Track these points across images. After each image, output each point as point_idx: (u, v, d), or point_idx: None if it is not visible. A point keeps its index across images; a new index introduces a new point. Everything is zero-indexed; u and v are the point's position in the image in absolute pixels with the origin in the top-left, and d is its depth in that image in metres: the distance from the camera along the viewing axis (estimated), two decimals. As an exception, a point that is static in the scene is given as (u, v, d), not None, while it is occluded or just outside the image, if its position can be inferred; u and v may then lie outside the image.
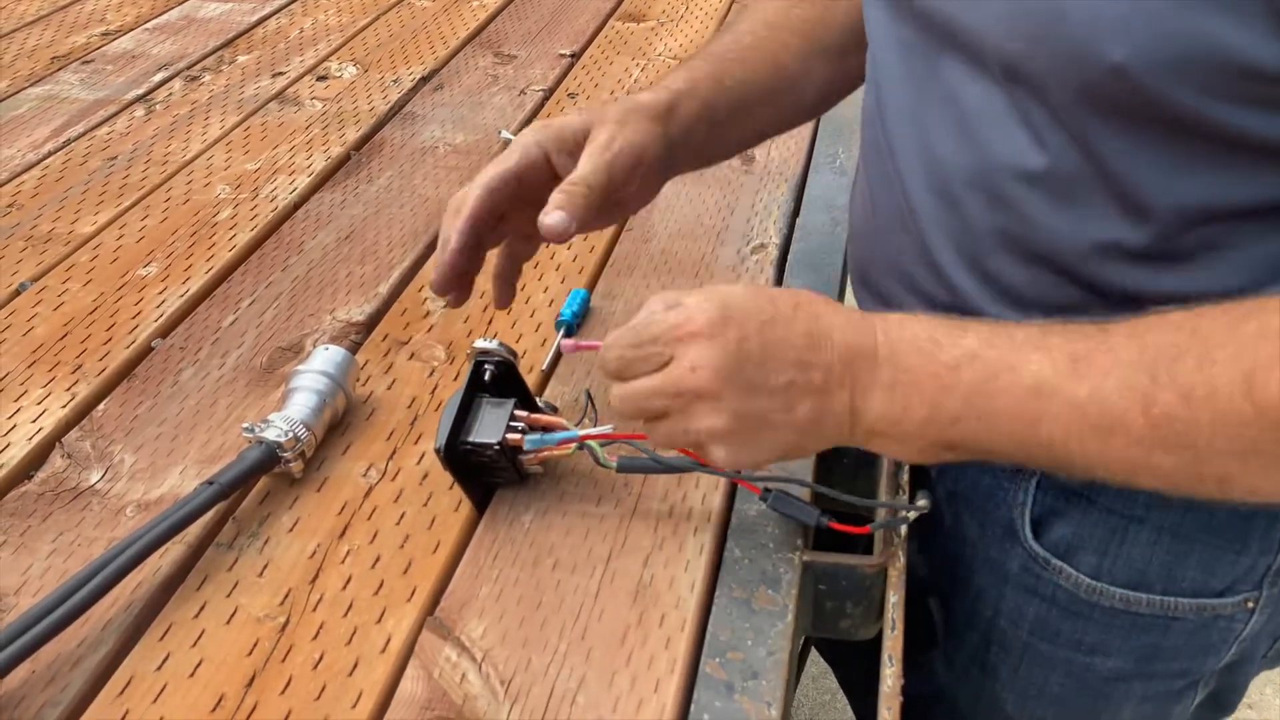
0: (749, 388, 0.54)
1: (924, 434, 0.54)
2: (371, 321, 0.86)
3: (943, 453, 0.55)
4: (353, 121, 1.16)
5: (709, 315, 0.54)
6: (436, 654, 0.58)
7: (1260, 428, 0.46)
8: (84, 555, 0.64)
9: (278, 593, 0.62)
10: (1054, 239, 0.59)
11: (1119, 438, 0.49)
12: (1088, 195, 0.56)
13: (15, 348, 0.82)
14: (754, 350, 0.54)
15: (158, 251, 0.94)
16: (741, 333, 0.54)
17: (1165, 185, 0.54)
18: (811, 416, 0.55)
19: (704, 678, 0.56)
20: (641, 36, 1.37)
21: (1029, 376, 0.51)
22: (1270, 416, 0.46)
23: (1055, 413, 0.50)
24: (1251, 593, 0.66)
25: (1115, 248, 0.57)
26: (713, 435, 0.55)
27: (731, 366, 0.53)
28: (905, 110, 0.65)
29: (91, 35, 1.40)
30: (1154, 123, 0.52)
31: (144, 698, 0.56)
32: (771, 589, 0.61)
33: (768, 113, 0.76)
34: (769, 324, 0.54)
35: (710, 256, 0.92)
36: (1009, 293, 0.62)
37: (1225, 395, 0.47)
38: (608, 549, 0.64)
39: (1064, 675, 0.73)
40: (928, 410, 0.53)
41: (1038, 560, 0.69)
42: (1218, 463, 0.48)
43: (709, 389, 0.54)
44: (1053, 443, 0.51)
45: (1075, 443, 0.51)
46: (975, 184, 0.60)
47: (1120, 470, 0.51)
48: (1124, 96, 0.51)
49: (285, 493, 0.69)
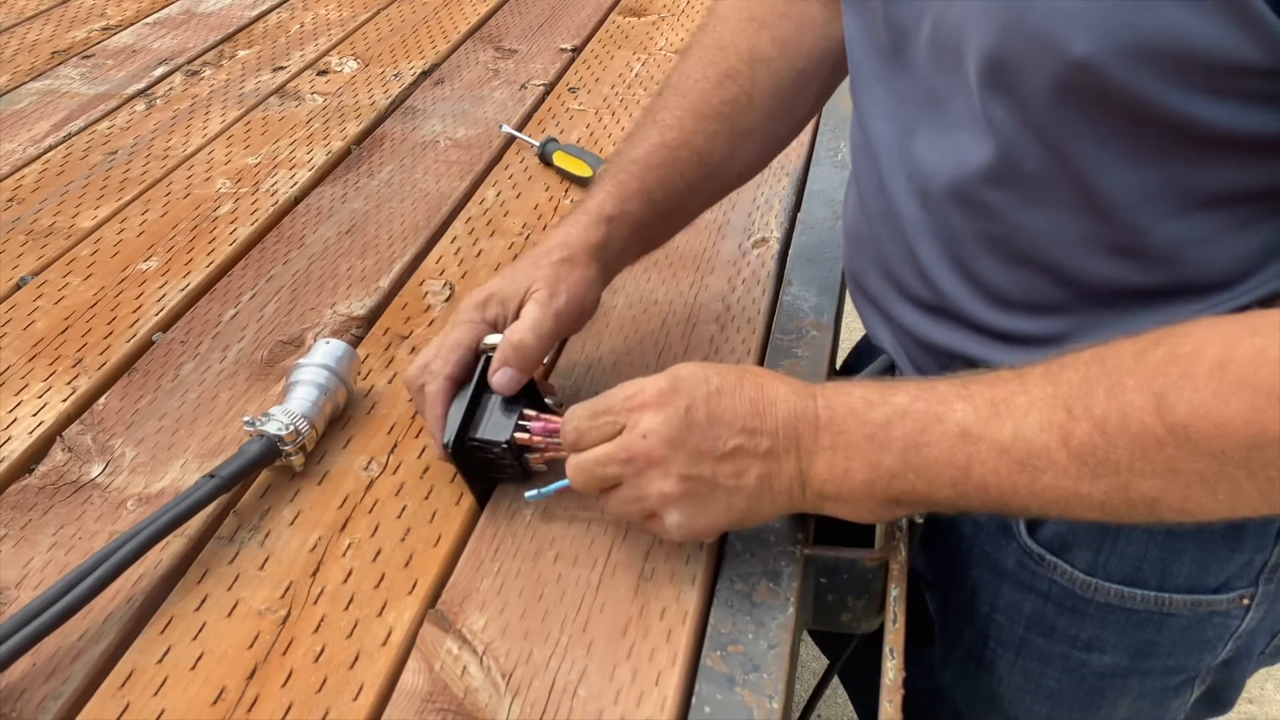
0: (697, 453, 0.56)
1: (870, 493, 0.56)
2: (372, 315, 0.86)
3: (894, 509, 0.57)
4: (353, 116, 1.16)
5: (659, 387, 0.57)
6: (438, 647, 0.58)
7: (1175, 447, 0.48)
8: (85, 549, 0.64)
9: (279, 586, 0.62)
10: (1031, 239, 0.60)
11: (1046, 473, 0.51)
12: (1060, 194, 0.57)
13: (16, 342, 0.82)
14: (701, 418, 0.56)
15: (158, 246, 0.94)
16: (690, 401, 0.56)
17: (1133, 180, 0.55)
18: (760, 481, 0.57)
19: (705, 670, 0.56)
20: (642, 31, 1.37)
21: (954, 425, 0.53)
22: (1180, 435, 0.47)
23: (984, 455, 0.52)
24: (1247, 589, 0.67)
25: (1091, 244, 0.58)
26: (664, 500, 0.57)
27: (680, 432, 0.56)
28: (885, 117, 0.66)
29: (92, 30, 1.40)
30: (1120, 117, 0.52)
31: (145, 690, 0.56)
32: (772, 582, 0.61)
33: (697, 204, 0.78)
34: (715, 394, 0.57)
35: (711, 250, 0.92)
36: (994, 294, 0.63)
37: (1137, 420, 0.48)
38: (609, 542, 0.64)
39: (1060, 670, 0.73)
40: (868, 471, 0.55)
41: (1033, 556, 0.69)
42: (1143, 486, 0.49)
43: (658, 454, 0.56)
44: (986, 485, 0.53)
45: (1007, 483, 0.52)
46: (953, 189, 0.61)
47: (1056, 505, 0.52)
48: (1091, 90, 0.51)
49: (286, 486, 0.69)
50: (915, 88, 0.62)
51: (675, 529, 0.58)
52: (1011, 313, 0.63)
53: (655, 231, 0.76)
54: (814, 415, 0.56)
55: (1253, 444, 0.46)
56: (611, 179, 0.74)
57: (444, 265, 0.91)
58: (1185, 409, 0.47)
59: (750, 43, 0.77)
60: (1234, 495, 0.48)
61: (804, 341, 0.81)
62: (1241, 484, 0.48)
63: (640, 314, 0.84)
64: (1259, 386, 0.46)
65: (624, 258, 0.75)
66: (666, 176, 0.74)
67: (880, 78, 0.66)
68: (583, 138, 1.11)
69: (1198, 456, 0.48)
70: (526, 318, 0.67)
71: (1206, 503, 0.49)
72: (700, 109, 0.75)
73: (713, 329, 0.83)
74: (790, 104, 0.78)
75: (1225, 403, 0.46)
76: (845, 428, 0.56)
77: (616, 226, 0.72)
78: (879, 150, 0.67)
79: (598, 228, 0.71)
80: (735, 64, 0.76)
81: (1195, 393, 0.47)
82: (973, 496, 0.54)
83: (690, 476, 0.56)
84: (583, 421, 0.59)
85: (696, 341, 0.81)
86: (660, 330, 0.83)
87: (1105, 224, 0.57)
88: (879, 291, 0.72)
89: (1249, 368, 0.46)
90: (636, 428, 0.57)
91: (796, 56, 0.77)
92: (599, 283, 0.72)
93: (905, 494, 0.55)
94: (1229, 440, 0.47)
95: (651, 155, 0.74)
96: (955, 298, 0.65)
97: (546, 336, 0.67)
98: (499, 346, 0.66)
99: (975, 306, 0.64)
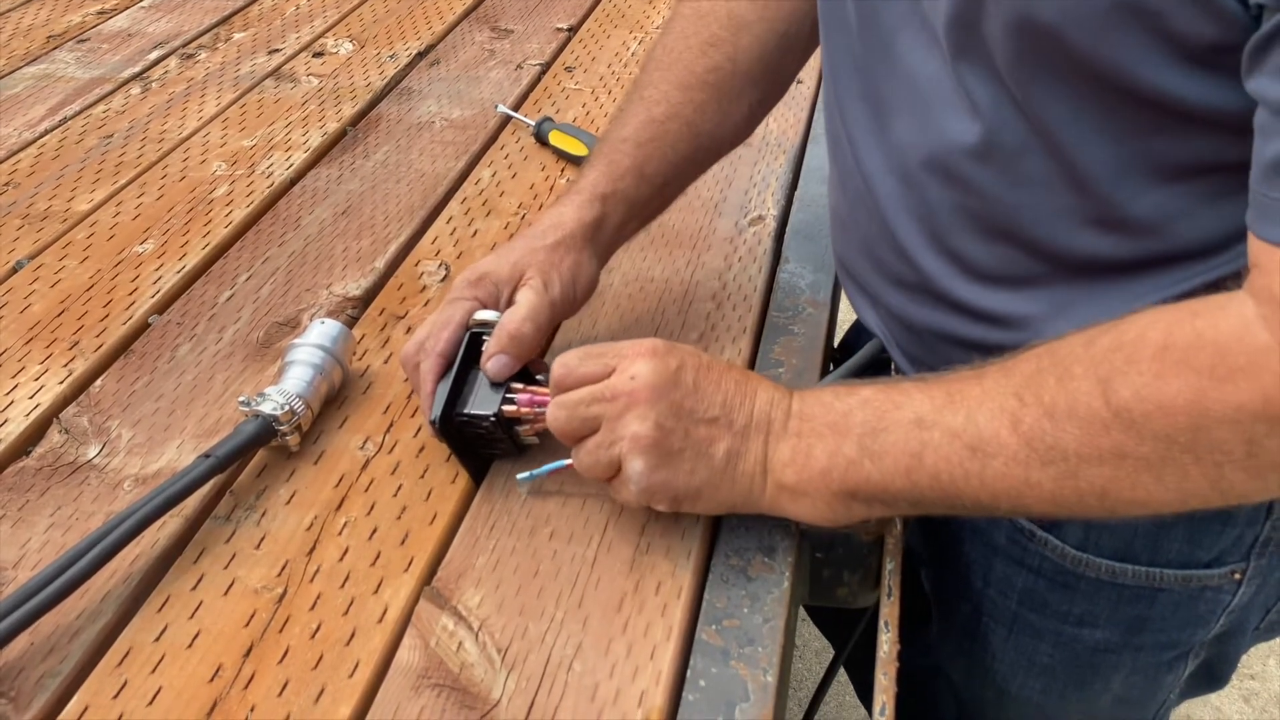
0: (678, 409, 0.57)
1: (827, 483, 0.56)
2: (368, 296, 0.85)
3: (849, 504, 0.57)
4: (349, 97, 1.16)
5: (655, 344, 0.59)
6: (433, 623, 0.58)
7: (1120, 430, 0.48)
8: (82, 529, 0.65)
9: (275, 564, 0.62)
10: (1009, 212, 0.60)
11: (996, 459, 0.52)
12: (1038, 168, 0.57)
13: (12, 325, 0.82)
14: (689, 381, 0.58)
15: (154, 228, 0.94)
16: (680, 363, 0.58)
17: (1109, 153, 0.55)
18: (727, 458, 0.57)
19: (700, 644, 0.57)
20: (639, 9, 1.36)
21: (910, 412, 0.54)
22: (1125, 419, 0.48)
23: (937, 442, 0.53)
24: (1239, 564, 0.67)
25: (1067, 217, 0.58)
26: (634, 443, 0.57)
27: (667, 384, 0.57)
28: (861, 96, 0.66)
29: (87, 14, 1.40)
30: (1091, 87, 0.52)
31: (142, 668, 0.56)
32: (768, 557, 0.61)
33: (691, 173, 0.78)
34: (705, 367, 0.59)
35: (708, 228, 0.92)
36: (973, 269, 0.63)
37: (1084, 404, 0.49)
38: (604, 518, 0.64)
39: (1052, 646, 0.74)
40: (827, 459, 0.56)
41: (1024, 532, 0.69)
42: (1091, 474, 0.50)
43: (642, 396, 0.57)
44: (939, 473, 0.53)
45: (958, 470, 0.53)
46: (930, 164, 0.61)
47: (1007, 495, 0.52)
48: (1060, 58, 0.52)
49: (282, 466, 0.69)
50: (890, 65, 0.62)
51: (634, 478, 0.57)
52: (992, 288, 0.63)
53: (650, 206, 0.76)
54: (787, 405, 0.58)
55: (1195, 425, 0.47)
56: (603, 158, 0.74)
57: (439, 246, 0.91)
58: (1129, 391, 0.48)
59: (729, 8, 0.77)
60: (1182, 482, 0.49)
61: (801, 319, 0.81)
62: (1189, 469, 0.48)
63: (636, 292, 0.84)
64: (1199, 367, 0.46)
65: (620, 235, 0.75)
66: (658, 150, 0.74)
67: (851, 57, 0.66)
68: (579, 117, 1.10)
69: (1143, 439, 0.48)
70: (523, 306, 0.66)
71: (1155, 490, 0.49)
72: (685, 80, 0.75)
73: (709, 307, 0.82)
74: (775, 66, 0.78)
75: (1166, 384, 0.47)
76: (812, 415, 0.57)
77: (611, 204, 0.72)
78: (854, 131, 0.67)
79: (592, 206, 0.71)
80: (716, 31, 0.76)
81: (1139, 376, 0.48)
82: (925, 488, 0.54)
83: (666, 427, 0.57)
84: (572, 359, 0.60)
85: (693, 319, 0.81)
86: (656, 309, 0.82)
87: (1084, 197, 0.57)
88: (863, 274, 0.72)
89: (1189, 350, 0.47)
90: (626, 371, 0.58)
91: (777, 19, 0.76)
92: (595, 264, 0.72)
93: (861, 485, 0.56)
94: (1172, 421, 0.47)
95: (641, 131, 0.74)
96: (935, 275, 0.65)
97: (544, 325, 0.67)
98: (495, 334, 0.66)
99: (955, 283, 0.64)
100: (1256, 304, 0.46)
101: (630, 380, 0.57)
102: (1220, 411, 0.46)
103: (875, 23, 0.62)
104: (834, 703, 1.52)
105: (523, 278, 0.68)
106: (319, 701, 0.54)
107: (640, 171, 0.73)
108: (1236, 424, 0.46)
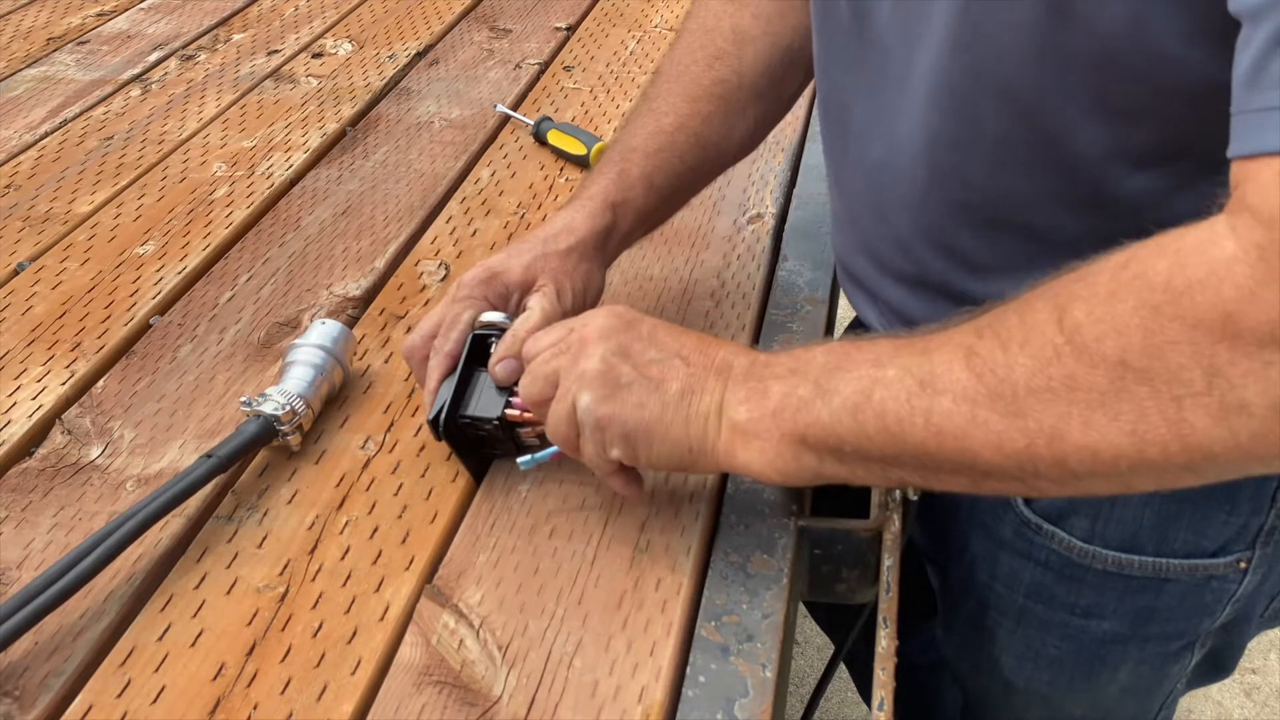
0: (625, 350, 0.58)
1: (779, 424, 0.54)
2: (368, 296, 0.86)
3: (799, 451, 0.54)
4: (348, 98, 1.16)
5: (615, 306, 0.60)
6: (434, 621, 0.58)
7: (1072, 356, 0.45)
8: (85, 529, 0.65)
9: (277, 563, 0.62)
10: (1002, 201, 0.60)
11: (945, 396, 0.49)
12: (1026, 154, 0.57)
13: (14, 326, 0.83)
14: (644, 331, 0.59)
15: (155, 230, 0.94)
16: (637, 319, 0.59)
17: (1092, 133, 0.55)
18: (680, 395, 0.57)
19: (700, 641, 0.57)
20: (637, 8, 1.36)
21: (870, 353, 0.53)
22: (1077, 342, 0.45)
23: (889, 379, 0.51)
24: (1244, 552, 0.67)
25: (1056, 201, 0.58)
26: (581, 380, 0.57)
27: (619, 329, 0.58)
28: (854, 92, 0.66)
29: (87, 16, 1.40)
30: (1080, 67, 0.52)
31: (146, 667, 0.57)
32: (767, 553, 0.62)
33: (696, 184, 0.79)
34: (666, 326, 0.59)
35: (707, 226, 0.92)
36: (968, 260, 0.64)
37: (1039, 332, 0.46)
38: (604, 516, 0.64)
39: (1060, 638, 0.74)
40: (780, 397, 0.54)
41: (1030, 525, 0.70)
42: (1040, 411, 0.46)
43: (591, 336, 0.58)
44: (884, 412, 0.50)
45: (904, 406, 0.50)
46: (922, 159, 0.62)
47: (952, 435, 0.49)
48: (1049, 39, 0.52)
49: (284, 465, 0.69)
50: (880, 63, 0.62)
51: (582, 415, 0.57)
52: (990, 278, 0.63)
53: (656, 215, 0.77)
54: (751, 357, 0.57)
55: (1149, 347, 0.43)
56: (613, 167, 0.75)
57: (439, 245, 0.92)
58: (1081, 312, 0.45)
59: (733, 22, 0.78)
60: (1139, 421, 0.44)
61: (799, 316, 0.81)
62: (1145, 404, 0.43)
63: (636, 290, 0.85)
64: (1154, 283, 0.43)
65: (626, 242, 0.76)
66: (666, 161, 0.75)
67: (844, 57, 0.66)
68: (578, 116, 1.11)
69: (1095, 365, 0.44)
70: (536, 313, 0.67)
71: (1109, 432, 0.45)
72: (693, 92, 0.76)
73: (708, 304, 0.83)
74: (779, 80, 0.79)
75: (1120, 301, 0.44)
76: (776, 361, 0.57)
77: (621, 213, 0.73)
78: (849, 129, 0.68)
79: (603, 214, 0.72)
80: (722, 45, 0.77)
81: (1093, 296, 0.45)
82: (871, 430, 0.51)
83: (612, 362, 0.57)
84: (539, 330, 0.63)
85: (692, 317, 0.81)
86: (655, 306, 0.83)
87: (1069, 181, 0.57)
88: (862, 270, 0.72)
89: (1147, 263, 0.44)
90: (584, 323, 0.59)
91: (781, 33, 0.77)
92: (602, 270, 0.73)
93: (810, 426, 0.53)
94: (1124, 342, 0.43)
95: (649, 141, 0.75)
96: (935, 269, 0.65)
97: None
98: (506, 339, 0.66)
99: (954, 276, 0.64)
100: (1228, 216, 0.42)
101: (583, 326, 0.59)
102: (1175, 330, 0.42)
103: (867, 19, 0.62)
104: (836, 699, 1.53)
105: (535, 283, 0.69)
106: (321, 699, 0.55)
107: (649, 181, 0.74)
108: (1193, 345, 0.41)
